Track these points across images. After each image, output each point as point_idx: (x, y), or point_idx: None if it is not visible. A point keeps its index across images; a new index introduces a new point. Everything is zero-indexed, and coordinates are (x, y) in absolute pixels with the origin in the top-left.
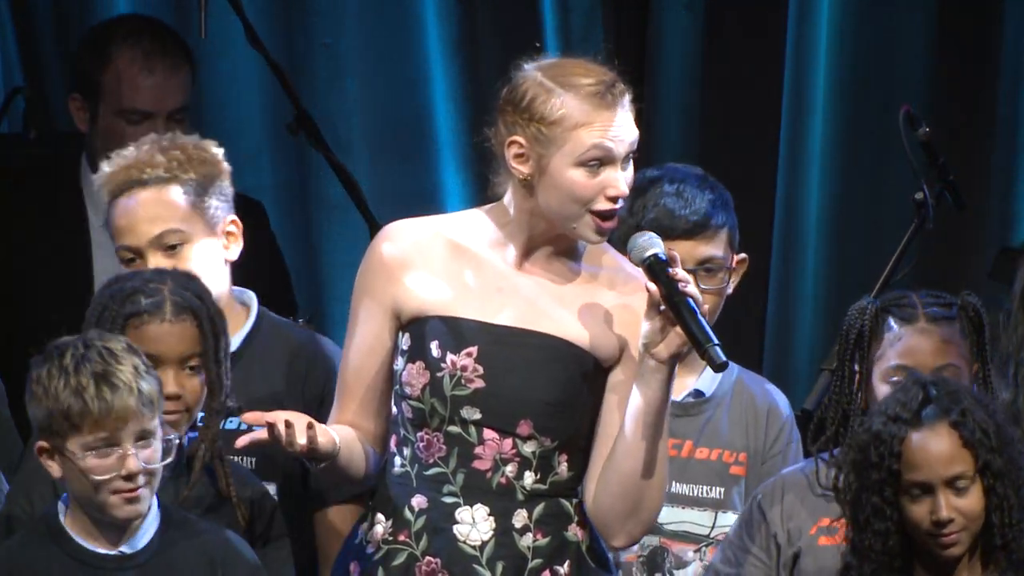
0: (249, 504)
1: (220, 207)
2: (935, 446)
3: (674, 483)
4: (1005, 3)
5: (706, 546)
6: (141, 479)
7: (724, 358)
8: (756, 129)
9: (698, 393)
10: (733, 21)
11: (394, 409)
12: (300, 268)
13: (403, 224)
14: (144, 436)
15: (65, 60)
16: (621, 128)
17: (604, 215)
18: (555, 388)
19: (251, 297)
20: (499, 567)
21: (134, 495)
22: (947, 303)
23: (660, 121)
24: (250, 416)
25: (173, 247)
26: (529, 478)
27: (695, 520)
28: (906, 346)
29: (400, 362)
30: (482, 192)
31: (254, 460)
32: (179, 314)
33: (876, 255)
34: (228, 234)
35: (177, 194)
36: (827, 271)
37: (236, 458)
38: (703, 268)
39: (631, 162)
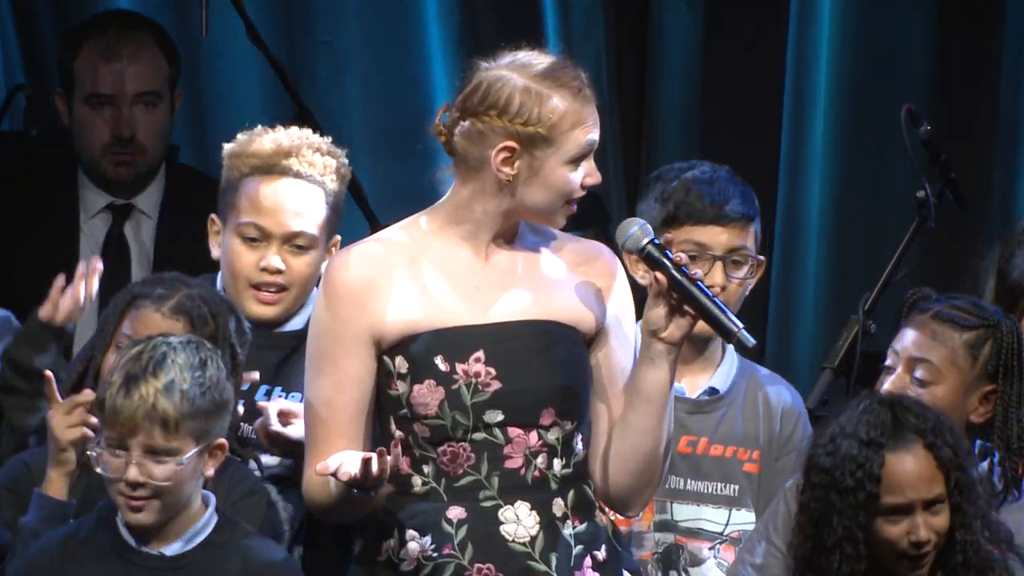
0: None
1: (335, 225)
2: (914, 468)
3: (689, 480)
4: (1005, 3)
5: (720, 543)
6: (144, 491)
7: (754, 340)
8: (757, 128)
9: (712, 391)
10: (734, 20)
11: (397, 433)
12: None
13: (351, 251)
14: (155, 452)
15: None
16: (596, 117)
17: (575, 201)
18: (566, 370)
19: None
20: (553, 559)
21: (136, 504)
22: (978, 315)
23: (660, 121)
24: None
25: (301, 248)
26: (557, 465)
27: (710, 517)
28: (899, 333)
29: (401, 386)
30: None
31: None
32: (176, 313)
33: (877, 255)
34: (329, 253)
35: (322, 200)
36: (828, 271)
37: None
38: (731, 258)
39: None
